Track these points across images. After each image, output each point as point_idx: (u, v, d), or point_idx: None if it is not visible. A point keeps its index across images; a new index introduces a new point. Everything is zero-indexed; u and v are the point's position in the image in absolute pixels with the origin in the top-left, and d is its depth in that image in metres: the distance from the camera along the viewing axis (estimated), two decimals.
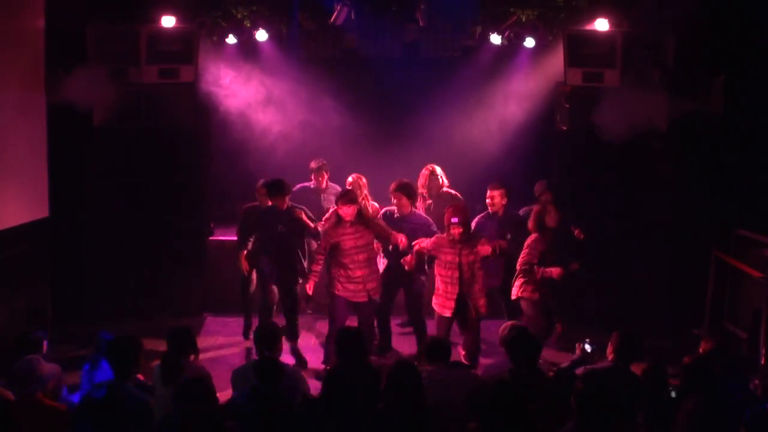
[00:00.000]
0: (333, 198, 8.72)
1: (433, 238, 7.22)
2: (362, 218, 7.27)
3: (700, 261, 8.48)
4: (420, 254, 7.29)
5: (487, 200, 7.90)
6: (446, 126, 9.85)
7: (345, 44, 9.55)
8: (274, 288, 7.96)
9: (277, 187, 7.64)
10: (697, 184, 8.97)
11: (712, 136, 8.83)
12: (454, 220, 6.98)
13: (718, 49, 8.69)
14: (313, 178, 8.84)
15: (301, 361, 7.67)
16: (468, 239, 7.04)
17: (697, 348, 5.63)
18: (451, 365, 5.40)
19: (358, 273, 7.25)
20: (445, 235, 7.13)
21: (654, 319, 8.66)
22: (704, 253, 8.40)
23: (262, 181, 8.33)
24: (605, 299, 8.82)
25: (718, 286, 8.27)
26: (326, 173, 8.83)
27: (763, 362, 6.89)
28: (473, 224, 7.69)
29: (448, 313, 7.11)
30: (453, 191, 8.45)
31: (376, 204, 8.43)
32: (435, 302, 7.23)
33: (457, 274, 7.02)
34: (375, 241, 7.47)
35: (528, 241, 7.43)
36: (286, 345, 7.66)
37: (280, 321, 7.76)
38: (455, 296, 7.05)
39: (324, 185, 8.83)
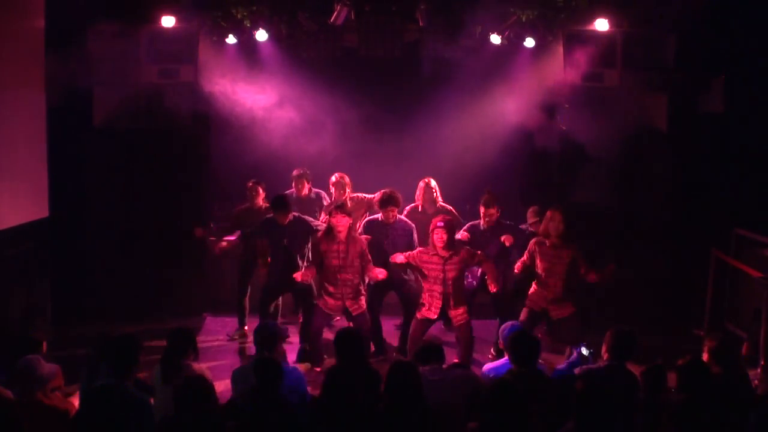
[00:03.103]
0: (316, 206, 8.72)
1: (412, 252, 7.16)
2: (351, 239, 7.26)
3: (700, 261, 8.48)
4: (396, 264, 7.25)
5: (489, 217, 7.73)
6: (446, 126, 9.85)
7: (345, 44, 9.53)
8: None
9: (281, 203, 7.64)
10: (696, 184, 8.97)
11: (711, 136, 8.83)
12: (440, 224, 6.93)
13: (718, 49, 8.70)
14: (293, 186, 8.79)
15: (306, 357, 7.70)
16: (451, 251, 6.99)
17: (699, 348, 5.64)
18: (449, 366, 5.40)
19: (339, 290, 7.28)
20: (429, 248, 7.08)
21: (654, 319, 8.66)
22: (704, 253, 8.41)
23: (252, 181, 8.37)
24: (605, 299, 8.82)
25: (718, 286, 8.28)
26: (307, 182, 8.78)
27: (762, 362, 6.89)
28: (464, 230, 7.75)
29: (432, 315, 7.10)
30: (448, 206, 8.42)
31: (363, 195, 8.43)
32: (418, 312, 7.22)
33: (440, 289, 7.01)
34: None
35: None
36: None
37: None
38: (439, 309, 7.07)
39: (305, 193, 8.76)
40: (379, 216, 7.84)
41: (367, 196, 8.47)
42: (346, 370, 5.01)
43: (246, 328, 8.43)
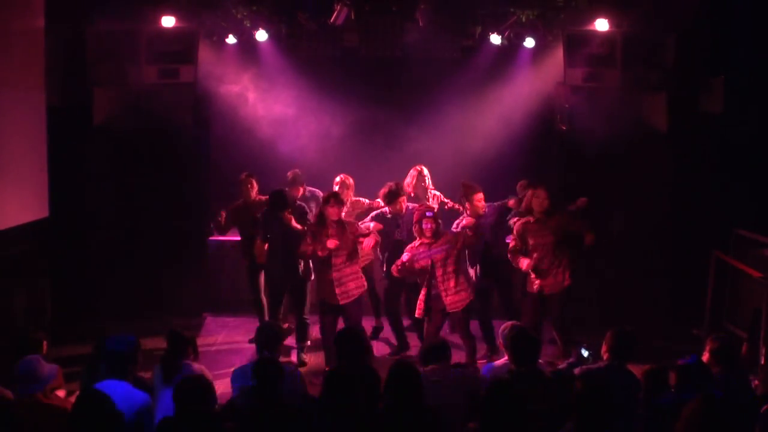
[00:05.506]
0: (313, 205, 8.63)
1: (407, 254, 7.14)
2: (341, 223, 7.29)
3: (700, 261, 8.48)
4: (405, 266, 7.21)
5: (479, 202, 7.65)
6: (446, 126, 9.85)
7: (345, 44, 9.53)
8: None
9: (280, 200, 7.67)
10: (697, 185, 8.97)
11: (712, 136, 8.83)
12: (429, 213, 7.02)
13: (718, 49, 8.69)
14: (287, 189, 8.46)
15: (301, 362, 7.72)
16: (437, 236, 7.06)
17: (700, 348, 5.64)
18: (450, 366, 5.40)
19: (333, 275, 7.25)
20: (415, 242, 7.14)
21: (654, 319, 8.66)
22: (704, 253, 8.40)
23: (245, 174, 8.31)
24: (605, 299, 8.82)
25: (718, 286, 8.27)
26: (301, 186, 8.54)
27: (763, 362, 6.89)
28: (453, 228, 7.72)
29: (419, 314, 7.21)
30: (438, 193, 8.44)
31: (366, 201, 8.44)
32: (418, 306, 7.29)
33: (427, 276, 7.07)
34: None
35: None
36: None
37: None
38: (424, 296, 7.13)
39: (300, 194, 8.54)
40: (386, 209, 7.86)
41: (367, 201, 8.45)
42: (346, 370, 5.00)
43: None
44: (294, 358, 7.78)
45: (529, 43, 9.01)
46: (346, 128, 9.76)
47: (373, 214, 8.02)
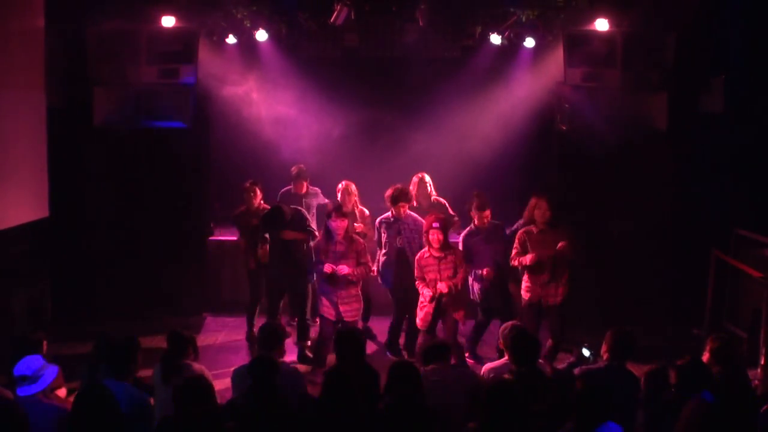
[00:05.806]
0: (314, 202, 8.72)
1: (418, 261, 7.20)
2: (349, 239, 7.27)
3: (700, 261, 8.48)
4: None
5: (485, 219, 7.57)
6: (446, 126, 9.86)
7: (345, 44, 9.54)
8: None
9: (278, 215, 7.67)
10: (697, 185, 8.97)
11: (712, 136, 8.83)
12: (435, 224, 7.03)
13: (718, 49, 8.69)
14: (292, 184, 8.80)
15: (308, 360, 7.72)
16: (446, 251, 7.09)
17: (700, 348, 5.64)
18: (449, 366, 5.40)
19: (337, 293, 7.24)
20: (424, 251, 7.17)
21: (654, 319, 8.67)
22: (704, 253, 8.41)
23: (249, 182, 8.38)
24: (605, 299, 8.82)
25: (718, 286, 8.28)
26: (305, 180, 8.77)
27: (763, 362, 6.89)
28: (459, 242, 7.67)
29: (424, 326, 7.22)
30: (442, 200, 8.42)
31: (366, 211, 8.43)
32: (418, 316, 7.29)
33: (433, 291, 7.09)
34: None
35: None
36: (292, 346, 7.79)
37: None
38: (432, 310, 7.15)
39: (304, 191, 8.78)
40: (389, 213, 7.84)
41: (367, 212, 8.43)
42: (345, 370, 5.00)
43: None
44: (294, 357, 7.79)
45: (529, 43, 9.00)
46: (346, 128, 9.77)
47: (380, 218, 7.99)
